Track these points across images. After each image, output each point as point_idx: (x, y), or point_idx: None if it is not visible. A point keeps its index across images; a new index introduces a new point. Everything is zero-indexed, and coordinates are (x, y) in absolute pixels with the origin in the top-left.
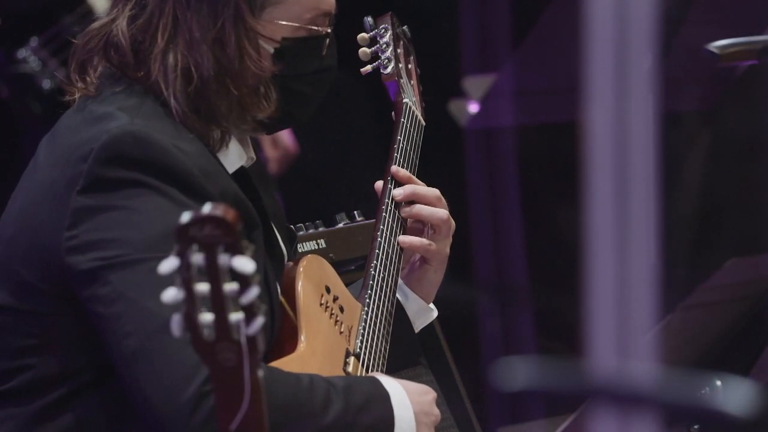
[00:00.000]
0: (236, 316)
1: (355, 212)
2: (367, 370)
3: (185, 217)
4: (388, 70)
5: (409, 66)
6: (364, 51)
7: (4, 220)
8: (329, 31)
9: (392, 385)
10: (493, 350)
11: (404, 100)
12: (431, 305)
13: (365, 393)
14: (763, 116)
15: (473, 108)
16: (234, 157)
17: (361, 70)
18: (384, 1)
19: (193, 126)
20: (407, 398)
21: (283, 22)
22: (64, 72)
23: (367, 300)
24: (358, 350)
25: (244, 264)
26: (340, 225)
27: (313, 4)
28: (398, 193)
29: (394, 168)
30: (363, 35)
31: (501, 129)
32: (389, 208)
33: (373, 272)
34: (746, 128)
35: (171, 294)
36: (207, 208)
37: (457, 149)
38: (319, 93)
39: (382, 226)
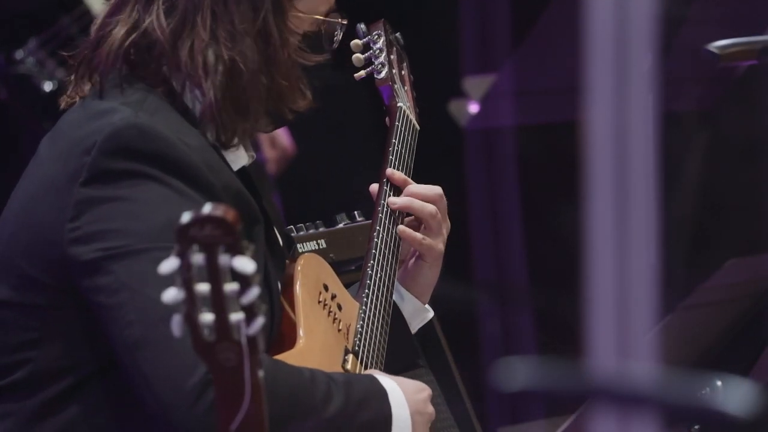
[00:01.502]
0: (237, 317)
1: (356, 212)
2: (365, 368)
3: (185, 217)
4: (382, 74)
5: (403, 72)
6: (358, 57)
7: (4, 217)
8: (345, 22)
9: (389, 383)
10: (493, 350)
11: (398, 104)
12: (427, 306)
13: (364, 389)
14: (762, 116)
15: (473, 108)
16: (241, 153)
17: (355, 75)
18: (385, 1)
19: (226, 122)
20: (404, 397)
21: (305, 15)
22: (63, 73)
23: (365, 299)
24: (357, 348)
25: (245, 264)
26: (340, 225)
27: None
28: (394, 201)
29: (389, 171)
30: (356, 42)
31: (501, 129)
32: (385, 210)
33: (370, 272)
34: (746, 128)
35: (171, 294)
36: (207, 208)
37: (457, 149)
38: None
39: (378, 227)
